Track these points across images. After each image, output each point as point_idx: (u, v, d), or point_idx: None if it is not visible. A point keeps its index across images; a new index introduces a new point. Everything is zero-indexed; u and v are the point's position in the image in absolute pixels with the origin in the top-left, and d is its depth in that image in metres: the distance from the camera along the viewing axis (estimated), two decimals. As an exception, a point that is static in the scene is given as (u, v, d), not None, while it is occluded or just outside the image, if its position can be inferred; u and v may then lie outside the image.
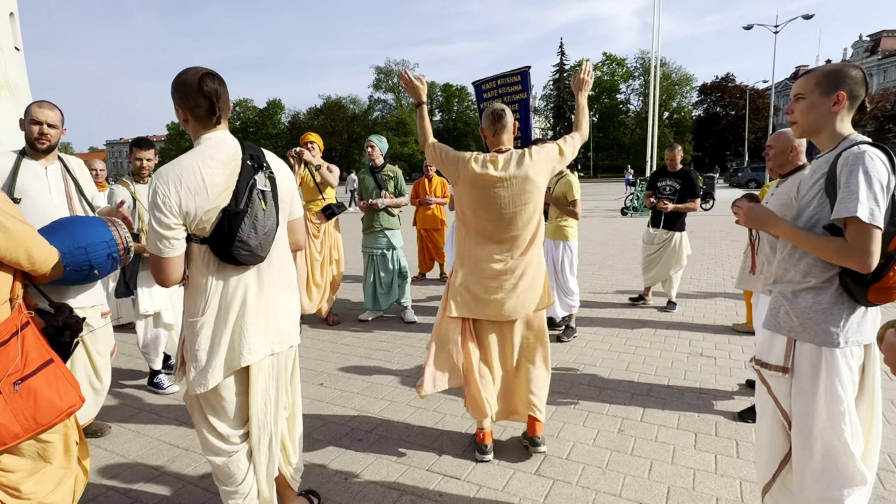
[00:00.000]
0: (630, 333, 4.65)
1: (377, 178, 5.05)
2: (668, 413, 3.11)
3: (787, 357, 1.69)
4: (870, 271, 1.51)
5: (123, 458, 2.74)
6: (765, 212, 1.76)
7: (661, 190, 5.31)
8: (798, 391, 1.66)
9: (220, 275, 1.70)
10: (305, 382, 3.69)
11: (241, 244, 1.63)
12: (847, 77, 1.62)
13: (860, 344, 1.62)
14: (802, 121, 1.71)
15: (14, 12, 18.33)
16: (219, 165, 1.65)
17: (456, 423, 3.05)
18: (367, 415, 3.18)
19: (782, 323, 1.71)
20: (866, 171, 1.51)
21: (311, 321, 5.18)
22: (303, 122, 73.06)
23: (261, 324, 1.77)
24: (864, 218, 1.48)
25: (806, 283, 1.66)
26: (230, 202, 1.63)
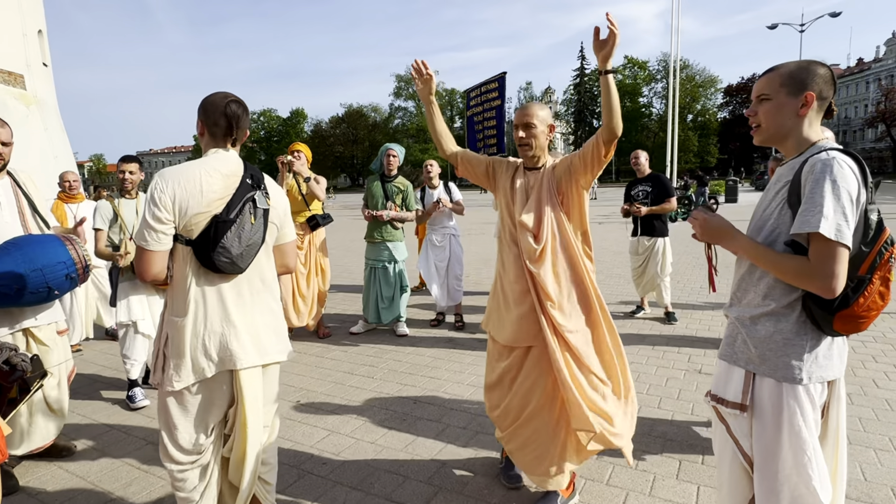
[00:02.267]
0: (627, 348, 4.38)
1: (386, 188, 4.96)
2: (652, 438, 2.92)
3: (746, 393, 1.49)
4: (834, 296, 1.33)
5: (83, 479, 2.68)
6: (722, 224, 1.56)
7: (636, 196, 5.27)
8: (759, 431, 1.47)
9: (200, 279, 1.75)
10: (282, 399, 3.60)
11: (223, 250, 1.69)
12: (815, 76, 1.44)
13: (825, 380, 1.43)
14: (767, 124, 1.51)
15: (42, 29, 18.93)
16: (219, 177, 1.75)
17: (427, 445, 2.91)
18: (337, 435, 3.07)
19: (739, 353, 1.52)
20: (834, 181, 1.32)
21: (300, 334, 5.10)
22: (325, 130, 74.02)
23: (244, 331, 1.80)
24: (829, 235, 1.29)
25: (765, 307, 1.46)
26: (222, 211, 1.71)
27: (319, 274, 4.93)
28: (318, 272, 4.92)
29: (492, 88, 5.61)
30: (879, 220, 1.39)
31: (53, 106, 16.84)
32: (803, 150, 1.46)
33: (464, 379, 3.87)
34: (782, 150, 1.53)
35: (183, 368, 1.72)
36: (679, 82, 29.75)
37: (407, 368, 4.13)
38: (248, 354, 1.80)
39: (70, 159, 15.99)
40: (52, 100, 17.08)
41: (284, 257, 2.04)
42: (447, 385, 3.77)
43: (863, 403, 3.22)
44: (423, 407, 3.41)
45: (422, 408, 3.40)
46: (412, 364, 4.23)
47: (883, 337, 4.47)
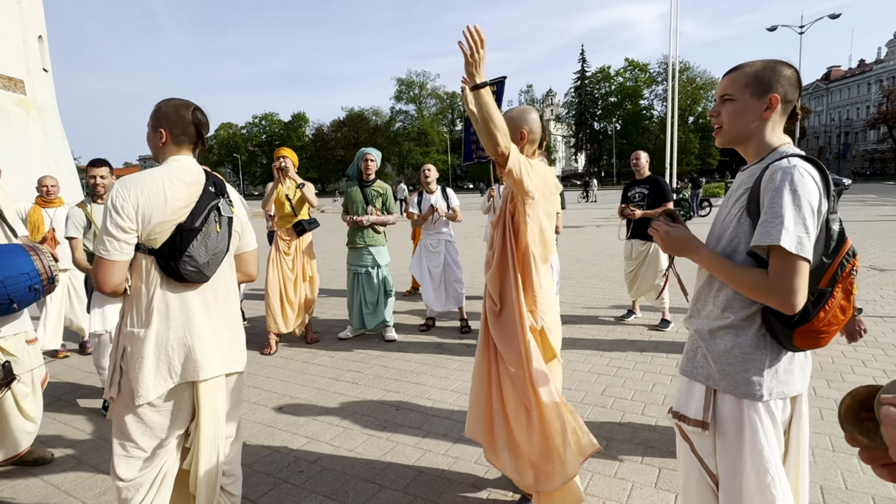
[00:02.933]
0: (615, 353, 4.41)
1: (365, 192, 4.94)
2: (633, 445, 2.88)
3: (707, 409, 1.42)
4: (794, 312, 1.27)
5: (56, 488, 2.66)
6: (683, 236, 1.49)
7: (632, 198, 5.14)
8: (722, 450, 1.41)
9: (163, 289, 1.71)
10: (264, 406, 3.59)
11: (189, 259, 1.68)
12: (781, 77, 1.38)
13: (786, 396, 1.38)
14: (729, 126, 1.44)
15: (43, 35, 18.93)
16: (182, 185, 1.72)
17: (406, 453, 2.88)
18: (316, 442, 3.04)
19: (699, 368, 1.46)
20: (794, 190, 1.26)
21: (288, 339, 5.09)
22: (326, 134, 74.21)
23: (207, 342, 1.77)
24: (789, 248, 1.23)
25: (724, 320, 1.41)
26: (186, 219, 1.69)
27: (307, 280, 4.91)
28: (306, 278, 4.90)
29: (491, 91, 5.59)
30: (841, 231, 1.33)
31: (54, 111, 16.92)
32: (764, 155, 1.41)
33: (448, 385, 3.84)
34: (744, 154, 1.48)
35: (144, 382, 1.67)
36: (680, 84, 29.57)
37: (392, 374, 4.10)
38: (212, 364, 1.77)
39: (70, 164, 16.03)
40: (52, 105, 17.16)
41: (246, 265, 2.03)
42: (431, 391, 3.74)
43: (849, 409, 3.18)
44: (406, 414, 3.38)
45: (404, 414, 3.37)
46: (398, 370, 4.20)
47: (874, 342, 4.42)
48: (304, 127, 79.54)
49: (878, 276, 7.05)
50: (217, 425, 1.81)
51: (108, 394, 1.75)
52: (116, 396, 1.73)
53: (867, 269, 7.54)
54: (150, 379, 1.68)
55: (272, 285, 4.73)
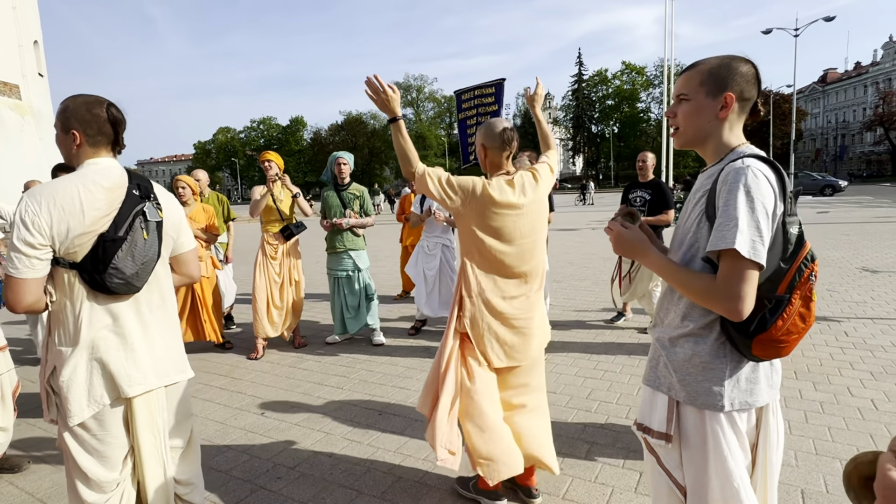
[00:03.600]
0: (603, 357, 4.39)
1: (342, 196, 4.92)
2: (616, 449, 2.86)
3: (670, 421, 1.37)
4: (740, 319, 1.21)
5: (31, 496, 2.63)
6: (634, 238, 1.44)
7: (633, 202, 5.01)
8: (688, 461, 1.36)
9: (91, 303, 1.60)
10: (247, 412, 3.56)
11: (116, 271, 1.56)
12: (736, 75, 1.31)
13: (751, 406, 1.32)
14: (685, 127, 1.39)
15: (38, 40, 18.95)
16: (102, 191, 1.59)
17: (386, 458, 2.86)
18: (297, 448, 3.02)
19: (662, 378, 1.40)
20: (748, 191, 1.20)
21: (275, 344, 5.05)
22: (324, 138, 74.20)
23: (142, 354, 1.68)
24: (743, 252, 1.17)
25: (684, 329, 1.35)
26: (108, 228, 1.57)
27: (293, 284, 4.89)
28: (292, 282, 4.88)
29: (488, 94, 5.60)
30: (800, 234, 1.27)
31: (49, 115, 16.92)
32: (723, 156, 1.34)
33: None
34: (703, 156, 1.43)
35: (76, 402, 1.57)
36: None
37: (378, 379, 4.08)
38: (146, 378, 1.67)
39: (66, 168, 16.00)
40: (47, 109, 17.17)
41: (186, 267, 1.92)
42: (416, 395, 3.71)
43: (834, 412, 3.16)
44: (388, 419, 3.35)
45: (386, 419, 3.34)
46: (384, 374, 4.17)
47: (863, 343, 4.40)
48: (303, 131, 79.58)
49: (869, 277, 7.04)
50: (158, 438, 1.72)
51: (47, 417, 1.66)
52: (57, 419, 1.64)
53: (860, 270, 7.53)
54: (83, 398, 1.58)
55: (259, 290, 4.71)
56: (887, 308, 5.46)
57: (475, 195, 2.15)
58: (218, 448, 3.04)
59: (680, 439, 1.37)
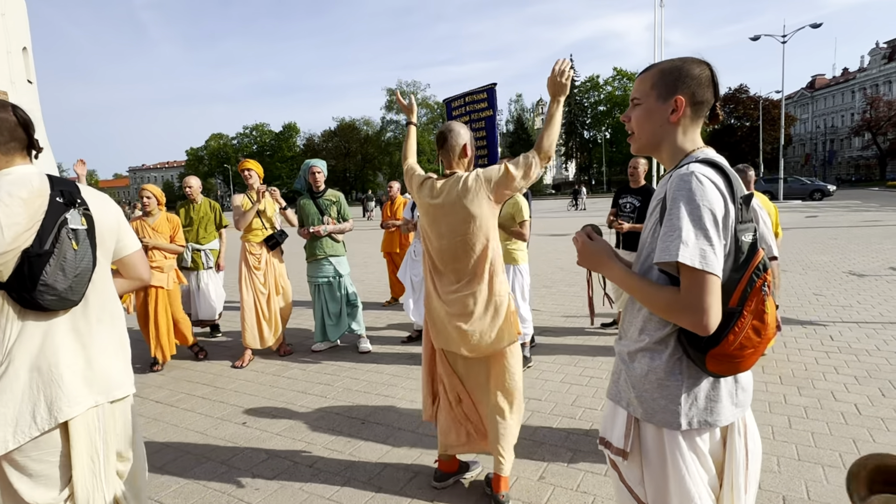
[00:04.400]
0: (590, 362, 4.37)
1: (318, 203, 4.89)
2: (599, 456, 2.83)
3: (627, 437, 1.32)
4: (708, 333, 1.14)
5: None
6: (598, 249, 1.39)
7: (623, 208, 4.94)
8: (649, 478, 1.31)
9: (21, 321, 1.48)
10: (228, 422, 3.51)
11: (46, 288, 1.45)
12: (687, 77, 1.26)
13: (712, 426, 1.25)
14: (639, 132, 1.35)
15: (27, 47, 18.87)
16: (19, 203, 1.45)
17: (367, 469, 2.82)
18: (276, 458, 2.97)
19: (622, 393, 1.35)
20: (692, 198, 1.14)
21: (261, 353, 4.99)
22: (317, 144, 74.18)
23: (80, 372, 1.56)
24: (691, 263, 1.12)
25: (640, 343, 1.30)
26: (33, 243, 1.44)
27: (280, 293, 4.84)
28: (279, 291, 4.83)
29: (481, 99, 5.60)
30: (753, 242, 1.20)
31: (39, 122, 16.81)
32: (678, 161, 1.29)
33: (418, 397, 3.77)
34: (660, 161, 1.38)
35: (12, 426, 1.45)
36: (665, 93, 29.63)
37: (362, 387, 4.04)
38: (84, 398, 1.56)
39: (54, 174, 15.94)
40: (37, 116, 17.05)
41: (134, 270, 1.81)
42: (400, 404, 3.67)
43: (818, 417, 3.15)
44: (371, 427, 3.32)
45: (369, 428, 3.30)
46: (369, 382, 4.13)
47: (848, 347, 4.41)
48: (295, 137, 79.52)
49: (856, 281, 7.08)
50: (96, 461, 1.60)
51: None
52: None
53: (846, 274, 7.57)
54: (10, 424, 1.46)
55: (248, 304, 4.65)
56: (872, 312, 5.49)
57: (415, 190, 2.51)
58: (197, 459, 2.99)
59: (641, 456, 1.33)
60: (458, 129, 2.42)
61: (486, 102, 5.58)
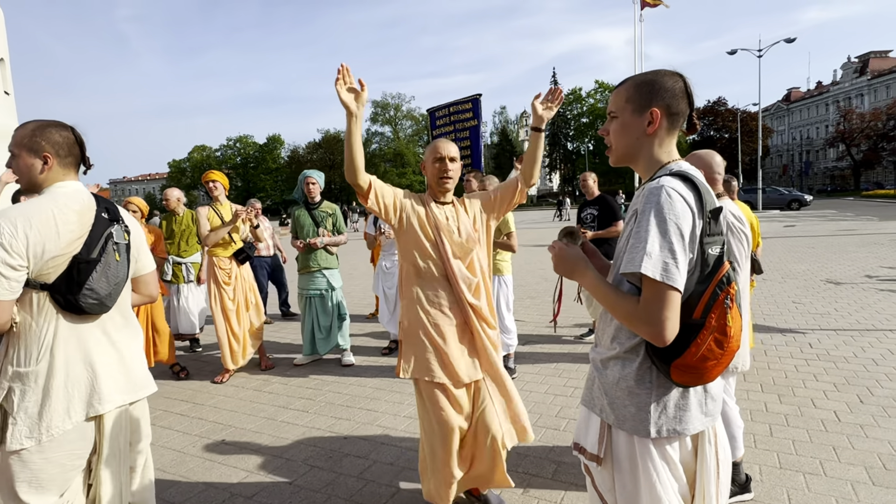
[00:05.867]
0: (574, 373, 4.37)
1: (314, 215, 4.85)
2: (582, 469, 2.81)
3: (601, 443, 1.33)
4: (664, 344, 1.16)
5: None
6: (572, 257, 1.39)
7: (584, 219, 5.17)
8: (620, 485, 1.32)
9: (58, 323, 1.62)
10: (207, 438, 3.42)
11: (91, 292, 1.62)
12: (661, 90, 1.28)
13: (682, 434, 1.26)
14: (616, 144, 1.36)
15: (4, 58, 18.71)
16: (74, 214, 1.63)
17: (348, 485, 2.77)
18: (257, 475, 2.90)
19: (596, 400, 1.36)
20: (660, 211, 1.16)
21: (242, 367, 4.88)
22: (302, 156, 73.94)
23: (111, 372, 1.72)
24: (653, 275, 1.14)
25: (612, 351, 1.31)
26: (82, 250, 1.62)
27: (250, 308, 4.75)
28: (249, 306, 4.73)
29: (465, 109, 5.65)
30: (720, 255, 1.22)
31: (15, 135, 16.53)
32: (654, 172, 1.31)
33: (401, 410, 3.74)
34: (638, 172, 1.40)
35: (41, 422, 1.57)
36: (646, 106, 30.16)
37: (345, 401, 3.98)
38: (112, 396, 1.70)
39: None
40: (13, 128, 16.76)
41: (147, 288, 1.98)
42: (383, 418, 3.63)
43: (798, 425, 3.18)
44: (353, 442, 3.26)
45: (351, 443, 3.25)
46: (351, 396, 4.08)
47: (826, 355, 4.47)
48: (280, 149, 79.17)
49: (833, 289, 7.21)
50: (120, 458, 1.74)
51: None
52: (7, 443, 1.57)
53: (824, 282, 7.71)
54: (46, 418, 1.57)
55: (219, 322, 4.56)
56: (850, 319, 5.58)
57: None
58: (173, 479, 2.91)
59: (612, 462, 1.34)
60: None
61: (471, 112, 5.65)
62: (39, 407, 1.58)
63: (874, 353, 4.42)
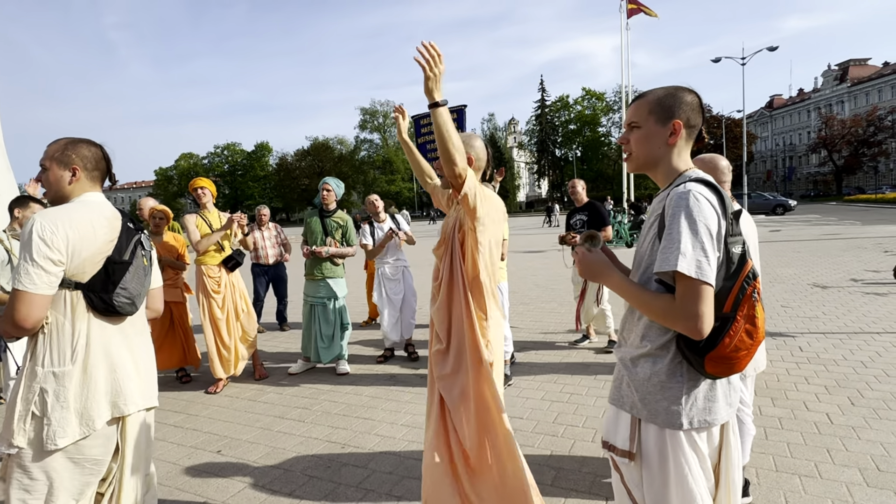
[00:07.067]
0: (569, 379, 4.39)
1: (325, 223, 4.84)
2: (582, 475, 2.83)
3: (633, 440, 1.39)
4: (702, 338, 1.25)
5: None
6: (598, 261, 1.48)
7: (574, 226, 5.23)
8: (648, 481, 1.38)
9: (88, 324, 1.68)
10: (202, 450, 3.38)
11: (124, 290, 1.70)
12: (682, 103, 1.39)
13: (711, 425, 1.34)
14: (638, 152, 1.45)
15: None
16: (105, 220, 1.73)
17: (347, 494, 2.75)
18: (254, 487, 2.87)
19: (625, 397, 1.43)
20: (690, 214, 1.26)
21: (234, 377, 4.84)
22: (290, 163, 73.64)
23: (133, 376, 1.77)
24: (688, 273, 1.22)
25: (643, 349, 1.38)
26: (114, 252, 1.71)
27: (243, 314, 4.70)
28: (239, 315, 4.67)
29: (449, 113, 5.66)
30: (742, 253, 1.32)
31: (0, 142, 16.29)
32: (672, 180, 1.41)
33: (399, 419, 3.72)
34: (655, 180, 1.49)
35: (69, 423, 1.60)
36: (633, 113, 30.60)
37: (342, 410, 3.96)
38: (136, 398, 1.77)
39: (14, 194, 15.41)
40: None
41: (154, 301, 2.03)
42: (381, 426, 3.61)
43: (792, 427, 3.22)
44: (352, 452, 3.24)
45: (350, 452, 3.23)
46: (348, 405, 4.06)
47: (817, 358, 4.54)
48: (268, 156, 78.84)
49: (820, 293, 7.32)
50: (139, 461, 1.79)
51: (13, 444, 1.58)
52: (26, 447, 1.59)
53: (811, 286, 7.83)
54: (75, 419, 1.62)
55: (207, 331, 4.51)
56: (838, 322, 5.68)
57: (493, 204, 2.07)
58: (169, 492, 2.87)
59: (641, 458, 1.39)
60: None
61: (455, 123, 5.69)
62: (75, 406, 1.62)
63: (863, 356, 4.49)
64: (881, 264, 9.45)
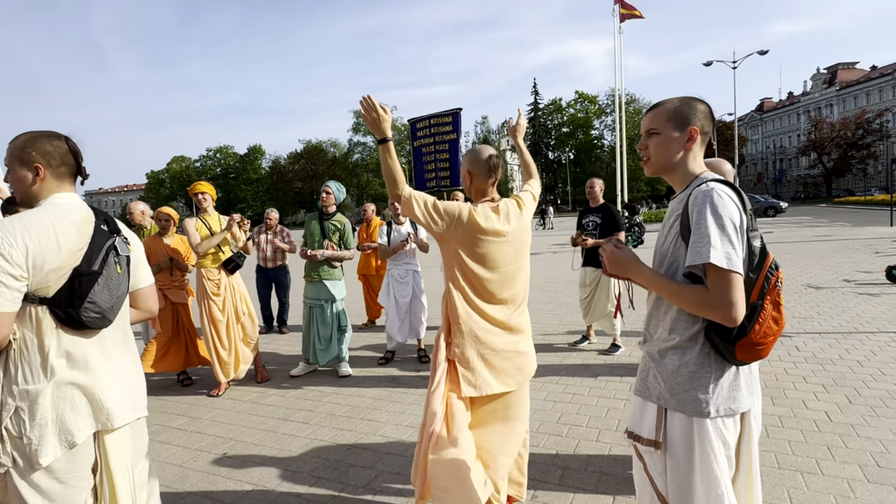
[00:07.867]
0: (571, 380, 4.43)
1: (324, 225, 4.86)
2: (588, 473, 2.86)
3: (659, 429, 1.47)
4: (736, 324, 1.33)
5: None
6: (628, 257, 1.55)
7: (585, 226, 5.20)
8: (673, 469, 1.45)
9: (59, 338, 1.56)
10: (208, 452, 3.39)
11: (93, 305, 1.57)
12: (697, 112, 1.50)
13: (734, 413, 1.42)
14: (657, 157, 1.54)
15: (-24, 68, 18.38)
16: (73, 226, 1.58)
17: (358, 493, 2.77)
18: (262, 489, 2.88)
19: (652, 389, 1.51)
20: (715, 210, 1.34)
21: (236, 380, 4.84)
22: (283, 166, 73.43)
23: (114, 389, 1.66)
24: (720, 264, 1.30)
25: (671, 341, 1.46)
26: (82, 263, 1.56)
27: (240, 319, 4.68)
28: (239, 318, 4.67)
29: (446, 122, 5.70)
30: (762, 247, 1.42)
31: (-12, 146, 16.17)
32: (688, 182, 1.50)
33: (403, 420, 3.74)
34: (671, 183, 1.57)
35: (46, 440, 1.51)
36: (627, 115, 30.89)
37: (345, 412, 3.97)
38: (120, 412, 1.65)
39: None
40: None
41: (146, 302, 1.91)
42: (385, 428, 3.63)
43: (792, 426, 3.28)
44: (358, 453, 3.26)
45: (356, 454, 3.25)
46: (351, 407, 4.07)
47: (813, 357, 4.61)
48: (261, 159, 78.60)
49: (814, 293, 7.42)
50: (129, 476, 1.69)
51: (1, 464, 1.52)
52: (11, 467, 1.51)
53: (804, 287, 7.93)
54: (53, 435, 1.52)
55: (207, 335, 4.51)
56: (832, 322, 5.76)
57: (461, 221, 2.13)
58: (177, 494, 2.88)
59: (665, 447, 1.46)
60: None
61: (451, 126, 5.72)
62: (53, 423, 1.53)
63: (858, 355, 4.57)
64: (873, 265, 9.58)
